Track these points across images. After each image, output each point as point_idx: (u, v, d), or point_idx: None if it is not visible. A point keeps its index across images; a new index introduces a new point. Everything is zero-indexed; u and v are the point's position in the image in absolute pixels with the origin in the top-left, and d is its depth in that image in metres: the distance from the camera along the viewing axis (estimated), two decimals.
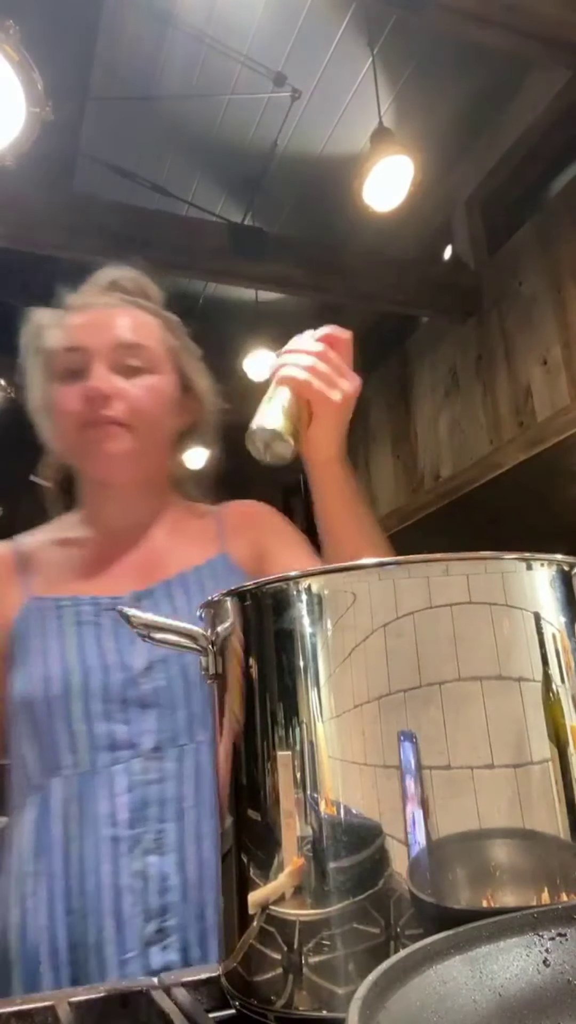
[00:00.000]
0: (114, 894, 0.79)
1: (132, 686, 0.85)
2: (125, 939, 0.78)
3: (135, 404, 0.92)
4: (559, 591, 0.49)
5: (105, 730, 0.84)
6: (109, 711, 0.84)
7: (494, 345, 4.35)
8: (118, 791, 0.82)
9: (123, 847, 0.81)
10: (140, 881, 0.80)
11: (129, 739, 0.84)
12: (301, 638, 0.48)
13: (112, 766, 0.83)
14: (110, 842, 0.81)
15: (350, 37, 3.76)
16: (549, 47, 3.30)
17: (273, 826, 0.47)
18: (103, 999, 0.54)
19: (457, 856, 0.44)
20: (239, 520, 1.04)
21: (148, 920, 0.79)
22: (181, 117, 4.12)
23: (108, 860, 0.80)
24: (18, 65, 2.16)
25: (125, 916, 0.79)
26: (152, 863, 0.81)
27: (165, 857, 0.81)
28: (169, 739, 0.85)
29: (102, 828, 0.81)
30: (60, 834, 0.82)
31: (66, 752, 0.84)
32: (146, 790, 0.83)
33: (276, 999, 0.45)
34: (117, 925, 0.78)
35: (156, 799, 0.83)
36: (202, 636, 0.54)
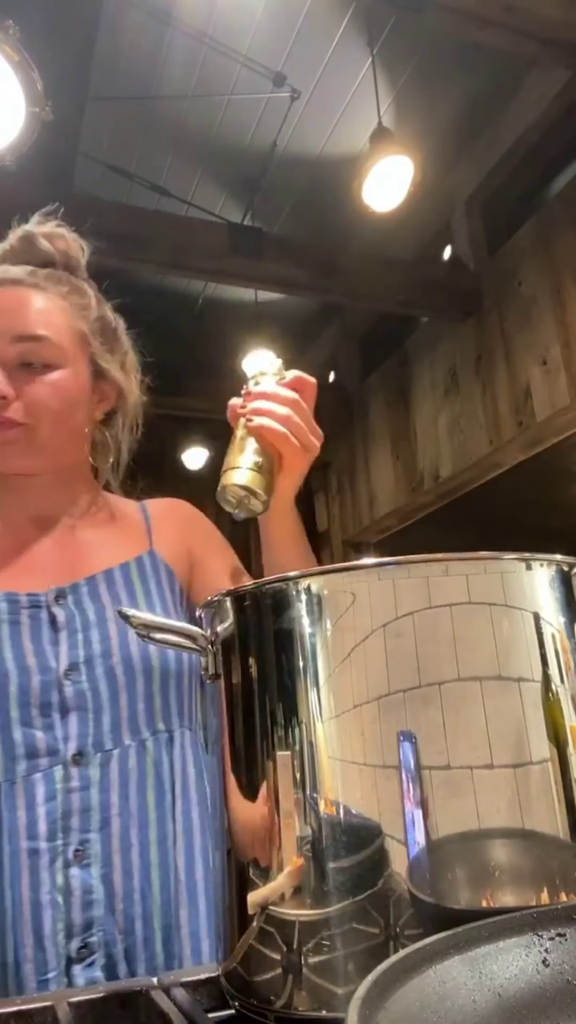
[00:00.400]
0: (32, 910, 0.74)
1: (52, 689, 0.80)
2: (45, 958, 0.74)
3: (35, 403, 0.85)
4: (559, 591, 0.49)
5: (22, 737, 0.78)
6: (27, 717, 0.79)
7: (494, 345, 4.35)
8: (37, 801, 0.77)
9: (43, 860, 0.76)
10: (62, 896, 0.75)
11: (49, 746, 0.79)
12: (301, 638, 0.48)
13: (31, 775, 0.78)
14: (27, 855, 0.76)
15: (350, 37, 3.76)
16: (549, 47, 3.30)
17: (273, 826, 0.47)
18: (102, 999, 0.54)
19: (456, 856, 0.44)
20: (167, 518, 1.00)
21: (71, 937, 0.75)
22: (181, 117, 4.12)
23: (26, 874, 0.75)
24: (18, 65, 2.16)
25: (45, 933, 0.74)
26: (75, 876, 0.76)
27: (89, 869, 0.76)
28: (93, 744, 0.80)
29: (20, 840, 0.76)
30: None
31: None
32: (68, 799, 0.78)
33: (276, 999, 0.45)
34: (36, 943, 0.74)
35: (79, 808, 0.78)
36: (201, 636, 0.54)
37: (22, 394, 0.85)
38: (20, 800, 0.77)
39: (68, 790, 0.78)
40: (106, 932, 0.76)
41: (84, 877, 0.76)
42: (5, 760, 0.78)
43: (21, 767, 0.78)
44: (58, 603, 0.85)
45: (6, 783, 0.78)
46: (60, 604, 0.85)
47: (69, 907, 0.75)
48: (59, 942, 0.74)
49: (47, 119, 2.26)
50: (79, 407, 0.91)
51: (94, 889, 0.76)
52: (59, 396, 0.87)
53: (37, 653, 0.82)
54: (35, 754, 0.79)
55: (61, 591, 0.86)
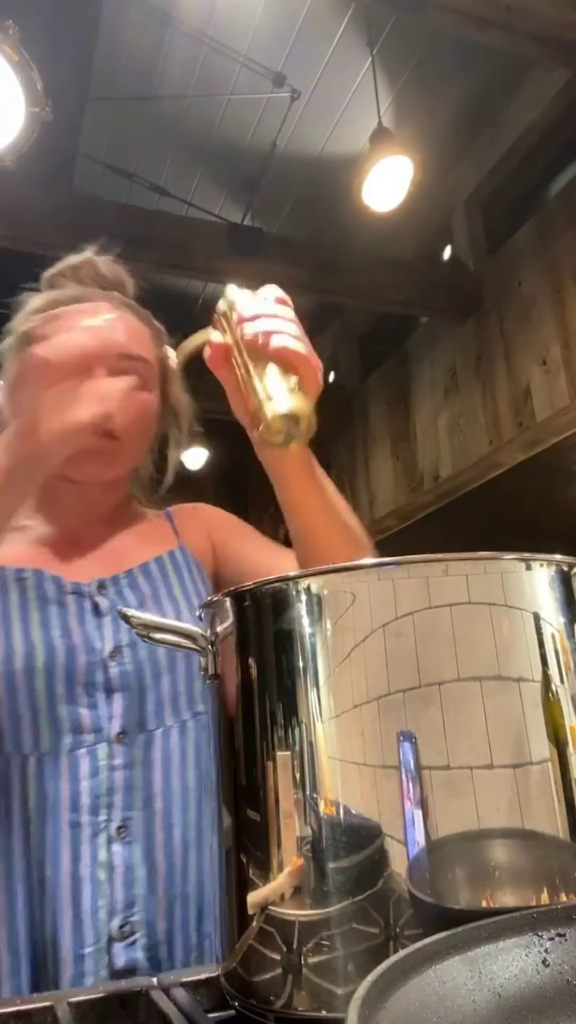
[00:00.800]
0: (72, 883, 0.76)
1: (98, 670, 0.82)
2: (83, 932, 0.75)
3: (130, 420, 0.89)
4: (558, 591, 0.49)
5: (68, 712, 0.81)
6: (73, 694, 0.81)
7: (493, 345, 4.35)
8: (81, 775, 0.79)
9: (84, 833, 0.78)
10: (104, 872, 0.77)
11: (94, 724, 0.81)
12: (300, 638, 0.48)
13: (75, 750, 0.80)
14: (69, 827, 0.78)
15: (350, 37, 3.76)
16: (548, 47, 3.30)
17: (272, 826, 0.47)
18: (102, 999, 0.54)
19: (456, 856, 0.44)
20: (189, 517, 1.04)
21: (113, 914, 0.76)
22: (181, 117, 4.12)
23: (67, 847, 0.77)
24: (18, 65, 2.16)
25: (84, 907, 0.76)
26: (117, 852, 0.78)
27: (131, 847, 0.78)
28: (136, 724, 0.82)
29: (62, 812, 0.78)
30: (20, 813, 0.78)
31: (27, 730, 0.80)
32: (111, 776, 0.80)
33: (276, 999, 0.45)
34: (74, 916, 0.75)
35: (122, 786, 0.80)
36: (201, 636, 0.54)
37: (122, 408, 0.88)
38: (64, 773, 0.79)
39: (112, 767, 0.80)
40: (148, 911, 0.77)
41: (126, 854, 0.78)
42: (51, 734, 0.80)
43: (66, 741, 0.80)
44: (100, 593, 0.88)
45: (51, 756, 0.80)
46: (102, 594, 0.88)
47: (112, 884, 0.77)
48: (100, 919, 0.76)
49: (47, 119, 2.26)
50: (153, 428, 0.96)
51: (136, 867, 0.78)
52: (147, 416, 0.93)
53: (83, 634, 0.84)
54: (80, 730, 0.81)
55: (102, 582, 0.89)
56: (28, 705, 0.81)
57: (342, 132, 4.25)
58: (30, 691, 0.81)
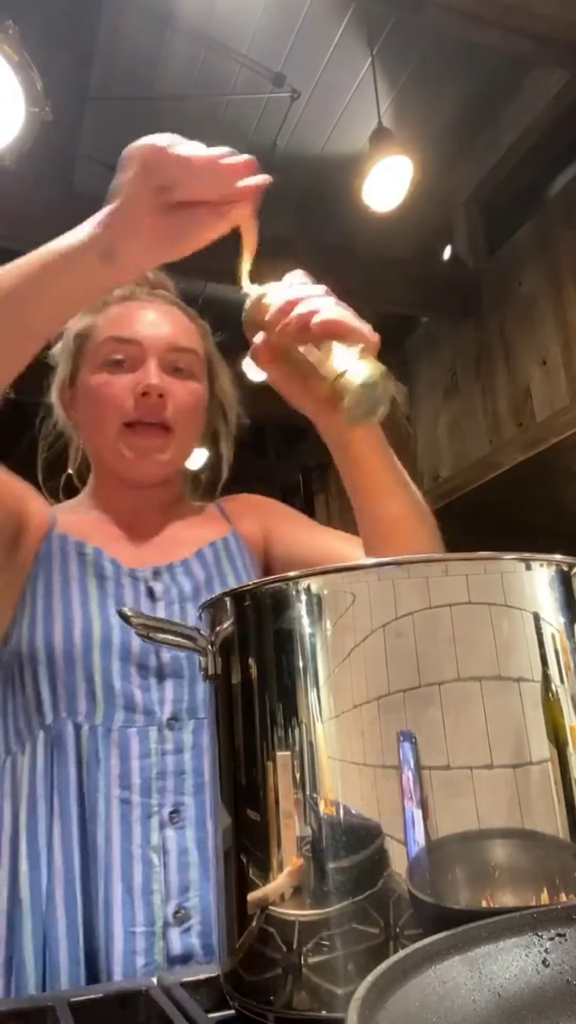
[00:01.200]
0: (123, 858, 0.77)
1: (151, 654, 0.83)
2: (133, 910, 0.75)
3: (181, 408, 0.91)
4: (558, 591, 0.49)
5: (122, 689, 0.82)
6: (127, 672, 0.82)
7: (493, 345, 4.35)
8: (131, 755, 0.80)
9: (135, 813, 0.78)
10: (157, 856, 0.77)
11: (146, 705, 0.82)
12: (300, 638, 0.48)
13: (126, 728, 0.81)
14: (119, 803, 0.78)
15: (349, 37, 3.76)
16: (549, 47, 3.30)
17: (272, 826, 0.47)
18: (102, 999, 0.54)
19: (456, 856, 0.44)
20: (239, 506, 1.06)
21: (168, 899, 0.76)
22: (181, 117, 4.12)
23: (117, 822, 0.78)
24: (18, 65, 2.16)
25: (135, 887, 0.76)
26: (170, 837, 0.78)
27: (184, 832, 0.79)
28: (187, 710, 0.83)
29: (112, 787, 0.79)
30: (75, 777, 0.79)
31: (82, 698, 0.81)
32: (162, 760, 0.81)
33: (275, 999, 0.45)
34: (125, 891, 0.76)
35: (173, 771, 0.81)
36: (201, 636, 0.54)
37: (172, 395, 0.91)
38: (114, 749, 0.80)
39: (163, 752, 0.81)
40: (202, 897, 0.78)
41: (179, 839, 0.79)
42: (105, 707, 0.81)
43: (119, 717, 0.81)
44: (155, 579, 0.90)
45: (102, 729, 0.81)
46: (157, 579, 0.90)
47: (166, 867, 0.77)
48: (154, 903, 0.76)
49: (47, 119, 2.26)
50: (202, 419, 0.98)
51: (190, 851, 0.78)
52: (197, 405, 0.95)
53: None
54: (132, 708, 0.82)
55: (157, 569, 0.91)
56: (84, 676, 0.82)
57: (342, 132, 4.24)
58: (87, 662, 0.82)
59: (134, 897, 0.76)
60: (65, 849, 0.77)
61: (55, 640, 0.82)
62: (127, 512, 0.97)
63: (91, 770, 0.79)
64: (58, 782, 0.79)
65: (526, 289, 4.12)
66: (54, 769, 0.80)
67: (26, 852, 0.78)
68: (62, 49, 3.28)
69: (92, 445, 0.97)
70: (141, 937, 0.75)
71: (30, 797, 0.80)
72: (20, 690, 0.84)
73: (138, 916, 0.75)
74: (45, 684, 0.82)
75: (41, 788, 0.80)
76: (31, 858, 0.77)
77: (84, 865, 0.77)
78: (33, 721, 0.83)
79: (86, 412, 0.95)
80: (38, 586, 0.87)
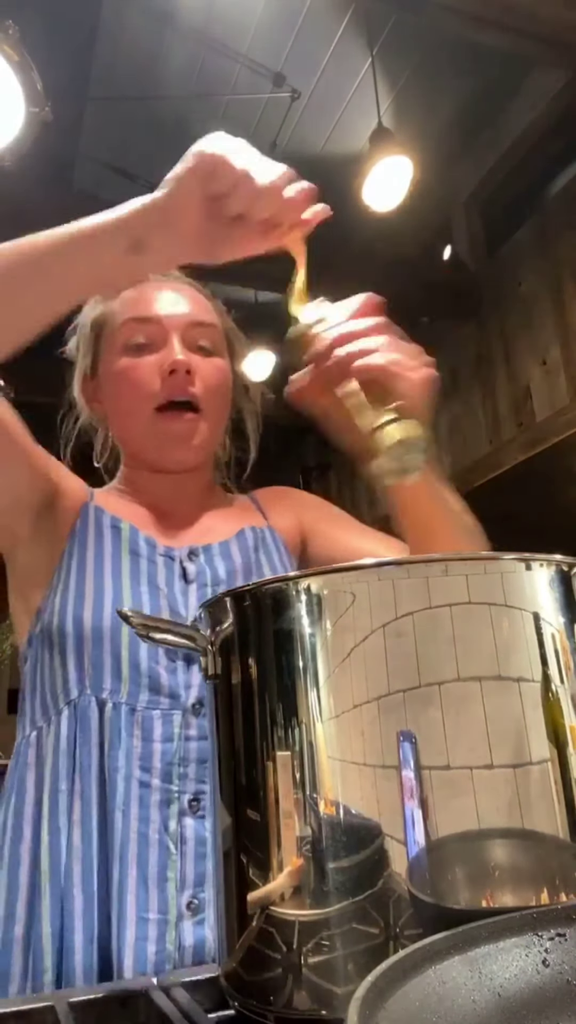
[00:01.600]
0: (139, 840, 0.75)
1: None
2: (147, 896, 0.74)
3: (209, 384, 0.90)
4: (558, 591, 0.49)
5: (148, 669, 0.80)
6: (154, 653, 0.81)
7: (493, 345, 4.35)
8: (154, 737, 0.79)
9: (154, 797, 0.77)
10: (174, 844, 0.76)
11: (171, 688, 0.80)
12: (300, 638, 0.48)
13: (151, 709, 0.80)
14: (139, 785, 0.77)
15: (350, 37, 3.76)
16: (548, 47, 3.30)
17: (272, 826, 0.47)
18: (102, 999, 0.54)
19: (456, 856, 0.44)
20: (274, 499, 1.04)
21: (183, 889, 0.75)
22: (181, 117, 4.12)
23: (135, 804, 0.76)
24: (18, 65, 2.16)
25: (150, 871, 0.75)
26: (189, 825, 0.77)
27: (203, 821, 0.77)
28: None
29: (133, 768, 0.78)
30: (96, 754, 0.78)
31: (108, 675, 0.80)
32: (185, 746, 0.79)
33: (275, 999, 0.45)
34: (140, 875, 0.74)
35: (196, 758, 0.79)
36: (201, 636, 0.54)
37: (198, 371, 0.89)
38: (137, 729, 0.79)
39: (186, 737, 0.80)
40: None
41: (198, 828, 0.77)
42: (130, 685, 0.80)
43: (143, 697, 0.80)
44: (190, 559, 0.89)
45: (126, 707, 0.80)
46: (192, 560, 0.89)
47: (183, 856, 0.76)
48: (169, 891, 0.75)
49: (47, 119, 2.26)
50: (228, 398, 0.95)
51: (207, 841, 0.77)
52: (223, 380, 0.93)
53: (169, 596, 0.84)
54: (158, 690, 0.81)
55: (194, 549, 0.89)
56: (111, 652, 0.81)
57: (342, 132, 4.25)
58: (114, 638, 0.81)
59: (149, 883, 0.75)
60: (84, 827, 0.76)
61: (84, 615, 0.82)
62: (161, 499, 0.95)
63: (113, 748, 0.78)
64: (80, 758, 0.79)
65: (526, 289, 4.12)
66: (76, 745, 0.79)
67: (47, 827, 0.77)
68: (62, 49, 3.28)
69: (122, 434, 0.96)
70: (153, 925, 0.74)
71: (53, 771, 0.79)
72: (49, 664, 0.84)
73: (152, 903, 0.74)
74: (72, 659, 0.81)
75: (63, 763, 0.79)
76: (52, 833, 0.77)
77: (101, 845, 0.76)
78: (59, 695, 0.82)
79: (113, 400, 0.93)
80: (72, 561, 0.86)
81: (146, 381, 0.88)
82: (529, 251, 4.14)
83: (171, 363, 0.87)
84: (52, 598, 0.85)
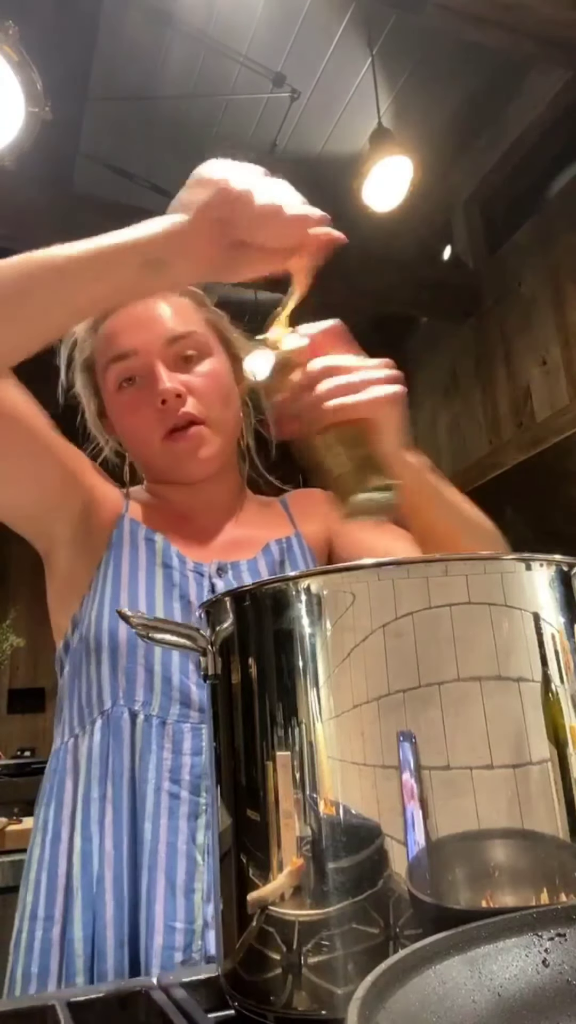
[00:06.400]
0: (168, 851, 0.77)
1: None
2: (175, 906, 0.75)
3: (203, 395, 0.90)
4: (558, 591, 0.49)
5: (180, 682, 0.82)
6: (185, 667, 0.82)
7: (493, 345, 4.35)
8: (184, 750, 0.80)
9: (183, 808, 0.78)
10: (201, 855, 0.77)
11: (201, 702, 0.81)
12: (300, 638, 0.48)
13: (181, 723, 0.81)
14: (168, 796, 0.78)
15: (349, 37, 3.76)
16: (548, 47, 3.30)
17: (272, 826, 0.47)
18: (102, 999, 0.54)
19: (456, 856, 0.44)
20: (306, 504, 1.04)
21: (209, 899, 0.76)
22: (181, 117, 4.12)
23: (165, 815, 0.78)
24: (18, 65, 2.16)
25: (177, 880, 0.76)
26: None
27: None
28: None
29: (163, 780, 0.79)
30: (128, 766, 0.80)
31: (140, 687, 0.82)
32: None
33: (275, 999, 0.45)
34: (168, 885, 0.76)
35: None
36: (201, 636, 0.54)
37: (189, 387, 0.90)
38: (167, 742, 0.81)
39: None
40: None
41: None
42: (162, 698, 0.82)
43: (174, 710, 0.82)
44: (219, 575, 0.89)
45: (157, 720, 0.81)
46: (220, 576, 0.89)
47: (209, 868, 0.77)
48: (196, 901, 0.76)
49: (47, 119, 2.26)
50: (232, 391, 0.95)
51: None
52: (217, 381, 0.92)
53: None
54: (188, 704, 0.82)
55: (223, 565, 0.90)
56: (144, 665, 0.82)
57: (342, 132, 4.24)
58: (149, 652, 0.82)
59: (176, 892, 0.76)
60: (116, 835, 0.78)
61: (119, 627, 0.83)
62: (187, 509, 0.97)
63: (144, 759, 0.80)
64: (112, 767, 0.80)
65: (526, 289, 4.12)
66: (109, 754, 0.81)
67: (80, 833, 0.79)
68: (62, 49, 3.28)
69: (138, 459, 0.98)
70: (180, 934, 0.75)
71: (87, 779, 0.81)
72: (85, 674, 0.85)
73: (179, 912, 0.75)
74: (107, 669, 0.83)
75: (96, 771, 0.81)
76: (84, 839, 0.79)
77: (132, 853, 0.77)
78: (94, 705, 0.84)
79: (123, 436, 0.96)
80: (109, 571, 0.87)
81: (144, 418, 0.89)
82: (529, 251, 4.14)
83: (159, 394, 0.88)
84: (89, 608, 0.86)
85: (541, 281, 4.02)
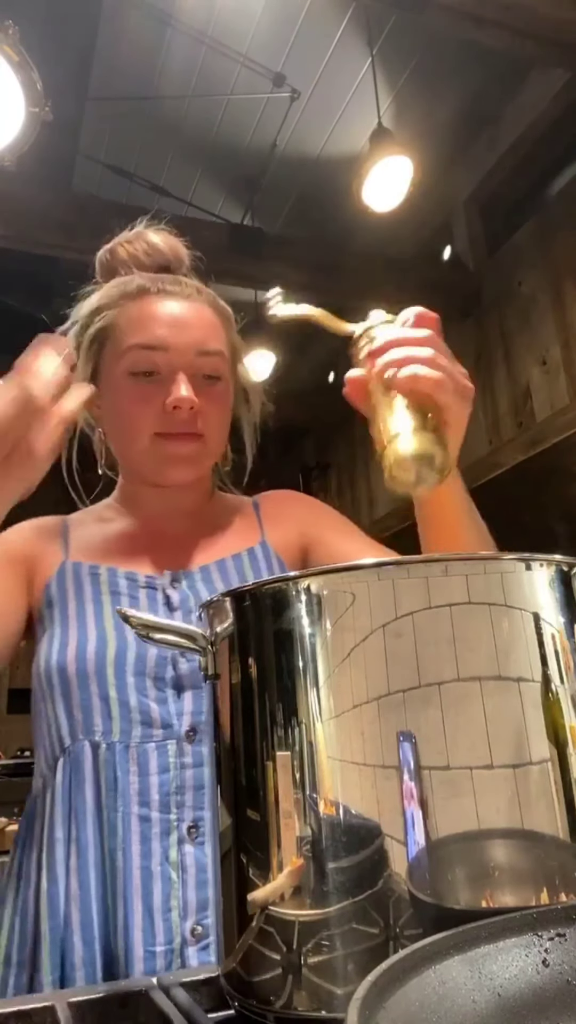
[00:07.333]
0: (143, 876, 0.76)
1: (167, 665, 0.82)
2: (154, 930, 0.74)
3: (209, 419, 0.89)
4: (558, 591, 0.49)
5: (138, 704, 0.81)
6: (143, 686, 0.81)
7: (493, 345, 4.35)
8: (150, 770, 0.79)
9: (154, 830, 0.77)
10: (176, 872, 0.77)
11: (163, 719, 0.81)
12: (300, 638, 0.48)
13: (144, 743, 0.80)
14: (139, 821, 0.78)
15: (349, 37, 3.76)
16: (548, 47, 3.30)
17: (272, 826, 0.47)
18: (102, 999, 0.54)
19: (456, 856, 0.44)
20: (277, 508, 1.03)
21: (186, 916, 0.75)
22: (181, 117, 4.12)
23: (137, 840, 0.77)
24: (18, 65, 2.16)
25: (155, 904, 0.75)
26: (188, 852, 0.77)
27: (203, 848, 0.77)
28: (206, 723, 0.81)
29: (131, 804, 0.78)
30: (92, 800, 0.79)
31: (98, 717, 0.81)
32: (181, 774, 0.79)
33: (275, 999, 0.45)
34: (145, 911, 0.75)
35: (192, 785, 0.79)
36: (201, 636, 0.54)
37: (203, 406, 0.89)
38: (133, 765, 0.79)
39: (182, 765, 0.80)
40: None
41: (198, 855, 0.78)
42: (121, 723, 0.81)
43: (136, 732, 0.81)
44: (173, 586, 0.89)
45: (120, 745, 0.80)
46: (175, 587, 0.89)
47: (184, 884, 0.77)
48: (172, 920, 0.75)
49: (47, 119, 2.26)
50: (230, 416, 0.95)
51: (208, 867, 0.77)
52: (224, 407, 0.92)
53: None
54: (150, 724, 0.81)
55: (176, 575, 0.89)
56: (99, 694, 0.81)
57: (342, 132, 4.24)
58: (101, 680, 0.81)
59: (154, 914, 0.75)
60: (82, 875, 0.77)
61: (68, 662, 0.82)
62: (155, 516, 0.96)
63: (109, 790, 0.79)
64: (75, 806, 0.79)
65: (526, 289, 4.12)
66: (71, 791, 0.80)
67: (47, 876, 0.78)
68: (62, 49, 3.28)
69: (121, 450, 0.95)
70: (161, 956, 0.74)
71: (50, 821, 0.80)
72: (44, 715, 0.85)
73: (158, 936, 0.75)
74: (62, 708, 0.82)
75: (60, 811, 0.80)
76: (51, 881, 0.78)
77: (102, 888, 0.76)
78: (55, 745, 0.83)
79: (115, 420, 0.92)
80: (55, 614, 0.87)
81: (149, 411, 0.87)
82: (529, 251, 4.14)
83: (175, 400, 0.86)
84: (39, 654, 0.86)
85: (541, 281, 4.02)
